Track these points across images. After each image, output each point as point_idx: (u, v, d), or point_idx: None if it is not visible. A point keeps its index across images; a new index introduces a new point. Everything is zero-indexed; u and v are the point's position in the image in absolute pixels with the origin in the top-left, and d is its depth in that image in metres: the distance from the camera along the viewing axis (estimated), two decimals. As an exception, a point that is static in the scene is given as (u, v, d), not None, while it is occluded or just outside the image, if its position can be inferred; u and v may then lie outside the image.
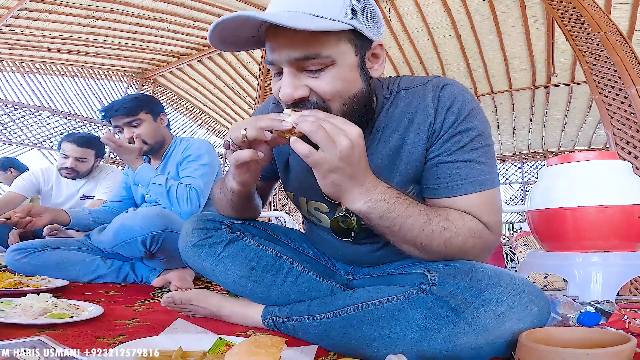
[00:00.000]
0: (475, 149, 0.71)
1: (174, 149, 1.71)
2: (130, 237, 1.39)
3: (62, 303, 0.91)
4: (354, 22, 0.62)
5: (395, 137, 0.75)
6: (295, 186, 0.90)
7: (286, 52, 0.62)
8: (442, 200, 0.73)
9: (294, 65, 0.63)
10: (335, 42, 0.62)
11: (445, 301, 0.62)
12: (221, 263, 0.90)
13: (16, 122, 6.79)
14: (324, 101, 0.65)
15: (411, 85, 0.75)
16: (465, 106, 0.71)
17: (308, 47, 0.61)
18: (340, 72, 0.64)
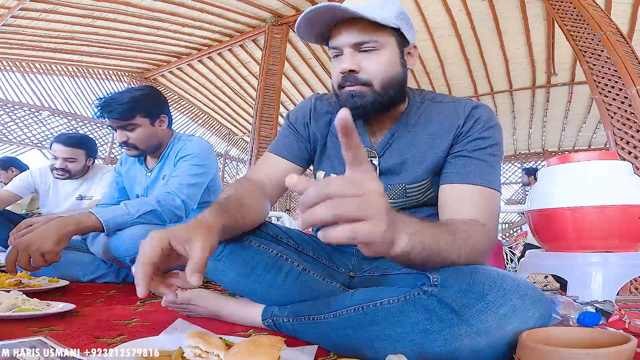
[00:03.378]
0: (492, 155, 0.82)
1: (171, 148, 1.63)
2: (119, 256, 1.38)
3: (33, 301, 0.92)
4: (399, 23, 0.82)
5: (426, 132, 0.88)
6: (328, 165, 0.97)
7: (350, 37, 0.81)
8: (452, 186, 0.80)
9: (353, 47, 0.82)
10: (384, 34, 0.82)
11: (446, 303, 0.62)
12: (221, 262, 0.90)
13: (16, 122, 6.79)
14: (369, 76, 0.82)
15: (444, 100, 0.90)
16: (491, 120, 0.85)
17: (365, 34, 0.81)
18: (384, 56, 0.82)
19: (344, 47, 0.82)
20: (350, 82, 0.82)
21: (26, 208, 3.04)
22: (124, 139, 1.52)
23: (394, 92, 0.85)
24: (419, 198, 0.89)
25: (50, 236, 1.15)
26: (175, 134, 1.69)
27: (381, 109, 0.85)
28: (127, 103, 1.48)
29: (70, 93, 7.41)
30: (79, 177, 2.21)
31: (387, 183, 0.90)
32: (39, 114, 7.07)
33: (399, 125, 0.90)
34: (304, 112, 1.00)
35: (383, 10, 0.80)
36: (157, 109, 1.59)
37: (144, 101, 1.53)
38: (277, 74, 5.59)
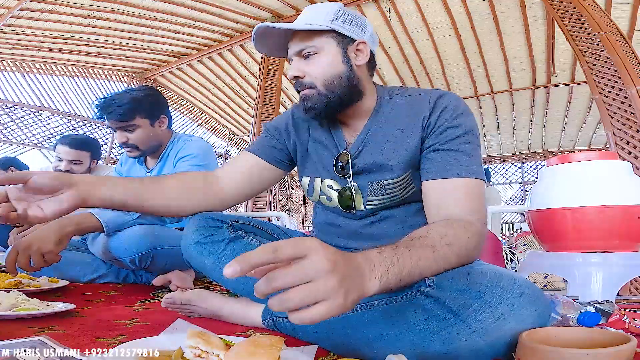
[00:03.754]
0: (466, 143, 0.81)
1: (171, 148, 1.63)
2: (119, 257, 1.38)
3: (33, 301, 0.92)
4: (333, 25, 0.86)
5: (397, 127, 0.89)
6: (312, 170, 0.99)
7: (292, 47, 0.89)
8: (431, 182, 0.81)
9: (297, 55, 0.88)
10: (321, 38, 0.86)
11: (444, 303, 0.62)
12: (223, 261, 0.90)
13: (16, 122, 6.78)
14: (311, 79, 0.86)
15: (412, 94, 0.91)
16: (459, 107, 0.84)
17: (302, 42, 0.87)
18: (324, 58, 0.86)
19: (292, 57, 0.89)
20: (299, 87, 0.88)
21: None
22: (123, 140, 1.52)
23: (342, 90, 0.87)
24: (401, 193, 0.89)
25: (50, 237, 1.15)
26: (174, 134, 1.69)
27: (333, 108, 0.88)
28: (126, 104, 1.47)
29: (70, 93, 7.40)
30: None
31: (366, 181, 0.90)
32: (39, 114, 7.06)
33: (371, 123, 0.92)
34: (283, 122, 1.03)
35: (316, 18, 0.86)
36: (157, 110, 1.59)
37: (143, 102, 1.52)
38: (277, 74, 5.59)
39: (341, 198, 0.93)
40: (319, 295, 0.45)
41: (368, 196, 0.91)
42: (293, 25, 0.86)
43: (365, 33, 0.90)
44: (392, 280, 0.56)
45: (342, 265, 0.48)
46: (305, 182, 1.01)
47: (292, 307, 0.44)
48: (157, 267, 1.46)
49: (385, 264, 0.56)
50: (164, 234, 1.43)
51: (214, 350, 0.54)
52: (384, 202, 0.90)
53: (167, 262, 1.45)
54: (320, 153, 0.97)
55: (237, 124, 9.78)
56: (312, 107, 0.87)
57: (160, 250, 1.40)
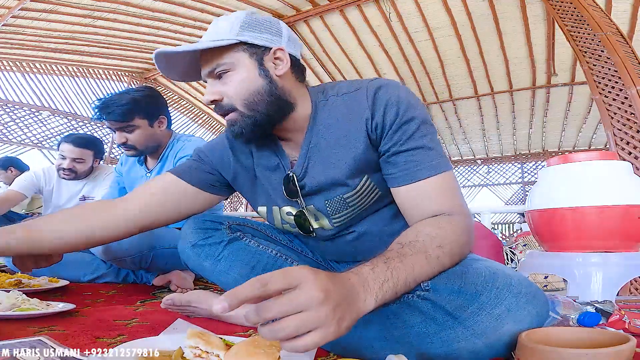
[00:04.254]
0: (424, 136, 0.75)
1: (171, 148, 1.63)
2: (119, 257, 1.39)
3: (33, 301, 0.92)
4: (241, 37, 0.77)
5: (336, 133, 0.80)
6: (266, 199, 0.91)
7: (204, 69, 0.80)
8: (403, 188, 0.76)
9: (210, 76, 0.80)
10: (230, 53, 0.77)
11: (440, 306, 0.62)
12: (221, 263, 0.90)
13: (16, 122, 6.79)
14: (230, 101, 0.78)
15: (348, 91, 0.81)
16: (401, 98, 0.76)
17: (212, 62, 0.78)
18: (239, 74, 0.78)
19: (206, 79, 0.80)
20: (220, 111, 0.80)
21: (26, 208, 3.04)
22: (122, 140, 1.52)
23: (266, 106, 0.78)
24: (366, 202, 0.83)
25: None
26: (174, 135, 1.69)
27: (263, 127, 0.79)
28: (125, 104, 1.47)
29: (70, 93, 7.40)
30: (84, 177, 2.21)
31: (323, 200, 0.83)
32: (39, 114, 7.06)
33: (311, 134, 0.82)
34: (217, 150, 0.94)
35: (222, 32, 0.77)
36: (156, 110, 1.59)
37: (142, 103, 1.52)
38: (277, 74, 5.58)
39: (298, 223, 0.89)
40: (311, 325, 0.44)
41: (332, 214, 0.84)
42: (195, 45, 0.76)
43: (282, 38, 0.81)
44: (388, 294, 0.56)
45: (335, 292, 0.47)
46: (262, 211, 0.93)
47: (285, 337, 0.44)
48: (157, 267, 1.46)
49: (379, 281, 0.55)
50: (164, 234, 1.43)
51: (214, 350, 0.54)
52: (351, 215, 0.84)
53: (167, 262, 1.45)
54: (270, 178, 0.88)
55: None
56: (240, 132, 0.79)
57: (160, 250, 1.40)
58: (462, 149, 9.88)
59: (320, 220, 0.87)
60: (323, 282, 0.46)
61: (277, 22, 0.83)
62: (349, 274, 0.54)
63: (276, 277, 0.45)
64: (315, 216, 0.87)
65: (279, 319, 0.44)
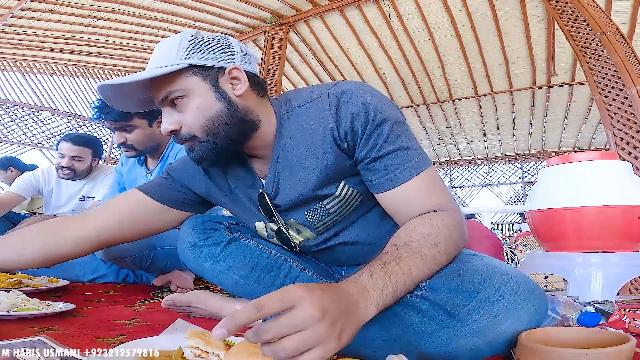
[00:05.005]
0: (398, 137, 0.73)
1: (171, 148, 1.63)
2: (118, 256, 1.39)
3: (33, 301, 0.92)
4: (190, 60, 0.72)
5: (302, 146, 0.77)
6: (249, 215, 0.89)
7: (155, 97, 0.76)
8: (387, 193, 0.74)
9: (163, 105, 0.75)
10: (181, 79, 0.73)
11: (439, 305, 0.62)
12: (221, 263, 0.90)
13: (17, 122, 6.79)
14: (189, 129, 0.74)
15: (310, 99, 0.78)
16: (369, 104, 0.72)
17: (162, 90, 0.73)
18: (195, 100, 0.73)
19: (160, 107, 0.77)
20: (179, 141, 0.77)
21: (26, 208, 3.04)
22: (122, 140, 1.53)
23: (227, 130, 0.74)
24: (348, 207, 0.81)
25: None
26: None
27: (225, 150, 0.76)
28: None
29: (70, 93, 7.41)
30: (83, 177, 2.21)
31: (302, 213, 0.82)
32: (39, 114, 7.07)
33: (277, 149, 0.79)
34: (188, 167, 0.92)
35: (168, 56, 0.72)
36: (155, 110, 1.57)
37: None
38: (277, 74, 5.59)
39: (279, 238, 0.89)
40: (311, 343, 0.45)
41: (314, 225, 0.83)
42: (140, 74, 0.71)
43: (235, 55, 0.77)
44: (389, 299, 0.57)
45: (332, 308, 0.47)
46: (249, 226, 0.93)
47: (287, 356, 0.44)
48: (157, 267, 1.46)
49: (378, 287, 0.56)
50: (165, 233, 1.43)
51: (214, 350, 0.54)
52: (334, 222, 0.83)
53: (167, 262, 1.45)
54: (248, 195, 0.86)
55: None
56: (201, 158, 0.76)
57: (160, 250, 1.40)
58: (462, 149, 9.88)
59: (303, 232, 0.86)
60: (319, 300, 0.46)
61: (227, 39, 0.78)
62: (347, 283, 0.54)
63: (272, 300, 0.45)
64: (297, 229, 0.86)
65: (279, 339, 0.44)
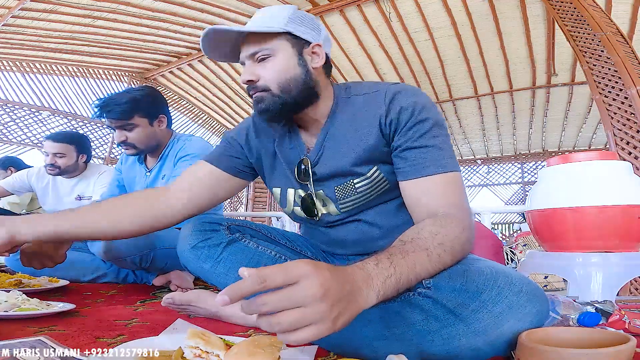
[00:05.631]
0: (435, 137, 0.79)
1: (171, 148, 1.63)
2: (119, 257, 1.39)
3: (33, 301, 0.92)
4: (288, 28, 0.83)
5: (354, 126, 0.87)
6: (283, 181, 0.96)
7: (245, 50, 0.85)
8: (409, 182, 0.79)
9: (250, 59, 0.85)
10: (275, 41, 0.84)
11: (442, 304, 0.63)
12: (221, 264, 0.90)
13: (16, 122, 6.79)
14: (266, 82, 0.84)
15: (368, 91, 0.88)
16: (418, 103, 0.81)
17: (256, 45, 0.84)
18: (278, 61, 0.84)
19: (245, 60, 0.86)
20: (252, 90, 0.85)
21: (26, 208, 3.04)
22: (122, 139, 1.53)
23: (297, 92, 0.85)
24: (373, 191, 0.87)
25: None
26: (174, 134, 1.69)
27: (288, 110, 0.85)
28: (125, 103, 1.48)
29: (70, 93, 7.39)
30: (75, 175, 2.21)
31: (332, 186, 0.88)
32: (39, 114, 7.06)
33: (329, 125, 0.89)
34: (243, 132, 0.99)
35: (270, 20, 0.84)
36: (156, 109, 1.59)
37: (142, 101, 1.53)
38: (277, 74, 5.58)
39: (303, 205, 0.93)
40: (307, 321, 0.45)
41: (339, 200, 0.89)
42: (247, 27, 0.83)
43: (320, 36, 0.89)
44: (390, 291, 0.57)
45: (334, 289, 0.47)
46: (276, 193, 0.98)
47: (280, 330, 0.45)
48: (157, 267, 1.46)
49: (382, 277, 0.56)
50: (164, 233, 1.42)
51: (214, 350, 0.54)
52: (358, 202, 0.88)
53: (167, 262, 1.45)
54: (289, 158, 0.94)
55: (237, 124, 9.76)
56: (266, 109, 0.84)
57: (160, 250, 1.40)
58: (462, 149, 9.88)
59: (328, 206, 0.91)
60: (323, 279, 0.46)
61: (318, 22, 0.91)
62: (353, 268, 0.55)
63: (277, 272, 0.45)
64: (323, 201, 0.91)
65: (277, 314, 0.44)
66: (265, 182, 1.02)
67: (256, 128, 0.98)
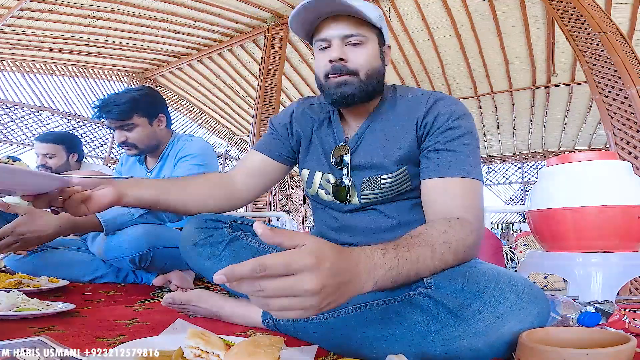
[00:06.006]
0: (465, 144, 0.82)
1: (171, 148, 1.63)
2: (118, 256, 1.39)
3: (33, 301, 0.92)
4: (381, 24, 0.89)
5: (394, 125, 0.91)
6: (313, 163, 1.00)
7: (340, 30, 0.86)
8: (430, 181, 0.81)
9: (341, 39, 0.86)
10: (368, 30, 0.87)
11: (443, 304, 0.62)
12: (222, 262, 0.90)
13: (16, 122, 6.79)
14: (356, 66, 0.86)
15: (412, 95, 0.93)
16: (458, 110, 0.85)
17: (353, 28, 0.86)
18: (368, 50, 0.87)
19: (333, 39, 0.87)
20: (338, 71, 0.86)
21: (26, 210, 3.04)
22: (122, 139, 1.53)
23: (376, 84, 0.89)
24: (396, 189, 0.90)
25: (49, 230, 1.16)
26: (175, 134, 1.69)
27: (363, 99, 0.88)
28: (124, 103, 1.48)
29: (70, 93, 7.41)
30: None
31: (361, 177, 0.91)
32: (39, 114, 7.06)
33: (371, 119, 0.93)
34: (285, 115, 1.04)
35: (369, 9, 0.86)
36: (155, 109, 1.59)
37: (141, 101, 1.53)
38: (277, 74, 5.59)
39: (337, 190, 0.95)
40: (297, 307, 0.46)
41: (362, 191, 0.92)
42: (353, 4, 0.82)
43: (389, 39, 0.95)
44: (387, 282, 0.58)
45: (331, 285, 0.48)
46: (305, 174, 1.02)
47: (268, 310, 0.47)
48: (157, 267, 1.46)
49: (385, 268, 0.57)
50: (164, 233, 1.43)
51: (214, 350, 0.54)
52: (378, 197, 0.91)
53: (167, 262, 1.45)
54: (325, 143, 0.98)
55: (237, 124, 9.78)
56: (352, 94, 0.86)
57: (160, 250, 1.40)
58: (462, 149, 9.87)
59: (351, 195, 0.93)
60: (322, 276, 0.46)
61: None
62: (360, 255, 0.55)
63: (278, 265, 0.45)
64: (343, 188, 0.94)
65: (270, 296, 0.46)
66: (298, 164, 1.06)
67: (298, 113, 1.02)
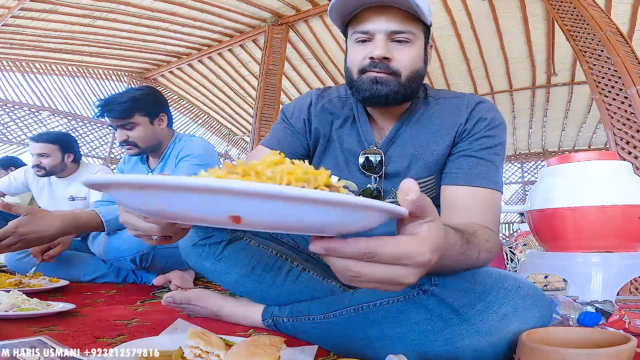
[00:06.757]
0: (497, 155, 0.81)
1: (173, 148, 1.64)
2: (119, 256, 1.39)
3: (33, 301, 0.92)
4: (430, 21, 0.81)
5: (427, 130, 0.86)
6: (332, 162, 0.93)
7: (387, 24, 0.78)
8: (455, 187, 0.78)
9: (386, 35, 0.78)
10: (417, 27, 0.80)
11: (447, 303, 0.62)
12: (222, 263, 0.90)
13: (16, 122, 6.78)
14: (399, 66, 0.79)
15: (447, 97, 0.88)
16: (497, 118, 0.83)
17: (403, 24, 0.78)
18: (415, 49, 0.80)
19: (378, 34, 0.78)
20: (379, 69, 0.79)
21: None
22: (123, 138, 1.53)
23: (415, 86, 0.82)
24: None
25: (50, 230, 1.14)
26: (176, 134, 1.69)
27: (398, 101, 0.82)
28: (126, 102, 1.49)
29: (70, 93, 7.40)
30: (66, 175, 2.19)
31: (391, 184, 0.87)
32: (39, 114, 7.06)
33: (402, 123, 0.88)
34: (302, 108, 0.94)
35: (422, 6, 0.76)
36: (156, 108, 1.60)
37: (142, 100, 1.54)
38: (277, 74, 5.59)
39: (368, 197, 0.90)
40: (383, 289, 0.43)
41: (385, 198, 0.88)
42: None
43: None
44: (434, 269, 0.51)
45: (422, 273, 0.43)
46: None
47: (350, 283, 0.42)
48: (157, 267, 1.46)
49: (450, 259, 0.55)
50: None
51: (214, 350, 0.54)
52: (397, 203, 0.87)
53: (167, 262, 1.46)
54: (343, 147, 0.91)
55: (237, 124, 9.77)
56: (386, 95, 0.79)
57: (160, 250, 1.40)
58: (462, 149, 9.88)
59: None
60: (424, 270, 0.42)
61: None
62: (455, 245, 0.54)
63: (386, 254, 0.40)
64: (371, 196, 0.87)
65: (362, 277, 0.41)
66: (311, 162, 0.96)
67: (317, 108, 0.93)
